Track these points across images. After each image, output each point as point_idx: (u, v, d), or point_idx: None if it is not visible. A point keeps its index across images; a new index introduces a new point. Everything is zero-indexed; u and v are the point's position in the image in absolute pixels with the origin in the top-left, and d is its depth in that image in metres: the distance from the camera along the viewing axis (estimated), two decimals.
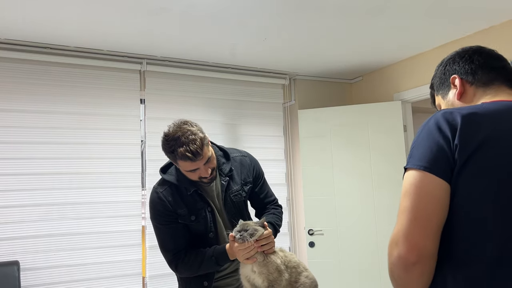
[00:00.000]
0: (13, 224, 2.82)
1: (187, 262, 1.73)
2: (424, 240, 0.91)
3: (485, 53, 1.14)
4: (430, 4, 2.57)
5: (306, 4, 2.50)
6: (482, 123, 0.94)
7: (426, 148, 0.95)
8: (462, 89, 1.12)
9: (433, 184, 0.93)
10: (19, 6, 2.38)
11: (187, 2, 2.41)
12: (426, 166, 0.93)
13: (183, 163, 1.65)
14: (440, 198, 0.92)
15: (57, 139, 3.00)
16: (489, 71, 1.11)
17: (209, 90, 3.61)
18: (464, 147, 0.92)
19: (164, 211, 1.74)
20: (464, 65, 1.14)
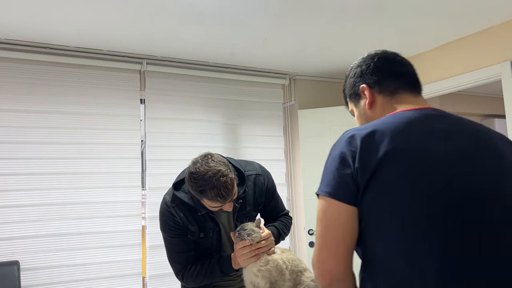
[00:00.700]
0: (13, 224, 2.82)
1: (193, 272, 1.74)
2: (334, 264, 0.96)
3: (389, 60, 1.17)
4: (430, 4, 2.57)
5: (306, 4, 2.50)
6: (380, 142, 0.96)
7: (331, 174, 0.99)
8: (371, 98, 1.15)
9: (339, 210, 0.97)
10: (19, 6, 2.38)
11: (187, 2, 2.41)
12: (331, 193, 0.98)
13: (210, 203, 1.59)
14: (346, 223, 0.96)
15: (57, 139, 3.00)
16: (393, 80, 1.14)
17: (209, 90, 3.60)
18: (364, 169, 0.95)
19: (175, 226, 1.76)
20: (371, 75, 1.17)
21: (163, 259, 3.22)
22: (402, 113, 1.04)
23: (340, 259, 0.97)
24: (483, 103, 5.13)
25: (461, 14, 2.74)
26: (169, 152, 3.37)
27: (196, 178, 1.55)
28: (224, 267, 1.71)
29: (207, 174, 1.53)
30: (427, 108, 1.07)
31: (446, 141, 0.98)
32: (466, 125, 1.03)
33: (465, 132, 1.01)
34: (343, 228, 0.97)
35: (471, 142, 0.99)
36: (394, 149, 0.95)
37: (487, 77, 2.99)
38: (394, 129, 0.99)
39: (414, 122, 1.01)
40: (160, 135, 3.36)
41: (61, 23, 2.63)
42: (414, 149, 0.96)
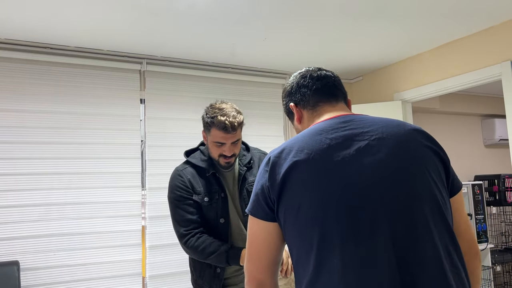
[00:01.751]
0: (13, 224, 2.82)
1: (200, 244, 1.77)
2: (259, 273, 1.08)
3: (308, 76, 1.25)
4: (430, 4, 2.57)
5: (306, 4, 2.50)
6: (286, 158, 1.06)
7: (253, 193, 1.11)
8: (298, 114, 1.25)
9: (258, 226, 1.09)
10: (20, 6, 2.38)
11: (187, 2, 2.41)
12: (251, 211, 1.10)
13: (216, 132, 1.76)
14: (265, 237, 1.08)
15: (57, 139, 3.00)
16: (313, 94, 1.22)
17: (209, 90, 3.60)
18: (273, 186, 1.05)
19: (181, 186, 1.83)
20: (296, 93, 1.26)
21: (163, 259, 3.25)
22: (315, 125, 1.13)
23: (263, 269, 1.08)
24: (483, 103, 5.13)
25: (461, 14, 2.74)
26: (169, 152, 3.37)
27: (213, 107, 1.81)
28: (230, 259, 1.73)
29: (222, 105, 1.81)
30: (340, 115, 1.14)
31: (346, 146, 1.04)
32: (373, 125, 1.08)
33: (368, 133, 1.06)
34: (263, 241, 1.08)
35: (370, 142, 1.04)
36: (294, 163, 1.04)
37: (487, 77, 2.99)
38: (300, 143, 1.07)
39: (320, 132, 1.08)
40: (160, 135, 3.36)
41: (61, 23, 2.63)
42: (312, 159, 1.03)
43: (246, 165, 1.91)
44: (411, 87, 3.59)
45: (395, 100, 3.72)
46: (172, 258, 3.26)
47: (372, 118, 1.11)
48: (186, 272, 3.30)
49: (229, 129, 1.75)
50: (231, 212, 1.85)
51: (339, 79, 1.27)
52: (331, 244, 0.97)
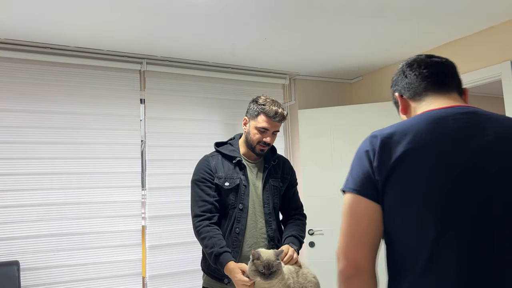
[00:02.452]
0: (13, 224, 2.82)
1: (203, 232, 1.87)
2: (359, 256, 1.01)
3: (416, 64, 1.18)
4: (430, 4, 2.57)
5: (306, 4, 2.50)
6: (399, 142, 1.01)
7: (356, 172, 1.06)
8: (404, 104, 1.20)
9: (364, 205, 1.02)
10: (20, 6, 2.38)
11: (187, 2, 2.41)
12: (356, 189, 1.04)
13: (264, 118, 1.96)
14: (371, 218, 1.02)
15: (57, 139, 3.00)
16: (420, 83, 1.16)
17: (209, 90, 3.61)
18: (381, 168, 1.01)
19: (205, 169, 1.97)
20: (401, 82, 1.20)
21: (163, 259, 3.25)
22: (426, 113, 1.07)
23: (366, 251, 1.02)
24: (483, 103, 5.12)
25: (461, 14, 2.74)
26: (169, 152, 3.37)
27: (261, 97, 2.01)
28: (217, 263, 1.81)
29: (271, 98, 2.02)
30: (455, 106, 1.08)
31: (466, 138, 1.00)
32: (496, 121, 1.03)
33: (487, 129, 1.01)
34: (368, 222, 1.02)
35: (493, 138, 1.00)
36: (410, 149, 0.99)
37: (487, 77, 2.99)
38: (413, 130, 1.02)
39: (438, 121, 1.03)
40: (160, 135, 3.36)
41: (61, 23, 2.63)
42: (431, 148, 0.99)
43: (272, 161, 2.07)
44: None
45: None
46: (172, 258, 3.26)
47: (496, 115, 1.05)
48: (186, 272, 3.30)
49: (277, 117, 1.96)
50: (250, 201, 1.97)
51: (452, 67, 1.19)
52: (447, 245, 0.94)
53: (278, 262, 1.68)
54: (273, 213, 2.03)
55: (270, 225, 2.00)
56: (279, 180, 2.07)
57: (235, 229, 1.92)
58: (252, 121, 2.00)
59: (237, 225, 1.93)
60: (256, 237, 1.97)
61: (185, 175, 3.37)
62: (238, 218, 1.94)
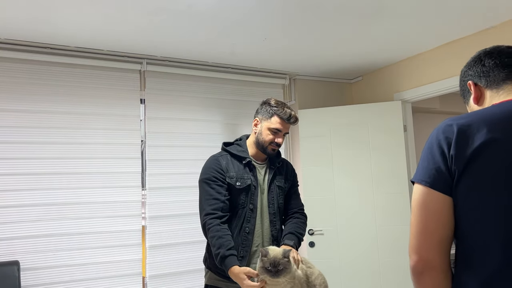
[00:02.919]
0: (13, 224, 2.82)
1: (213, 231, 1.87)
2: (430, 252, 0.98)
3: (496, 53, 1.13)
4: (430, 4, 2.57)
5: (306, 4, 2.50)
6: (477, 132, 0.97)
7: (428, 163, 1.01)
8: (477, 93, 1.14)
9: (435, 199, 0.98)
10: (19, 6, 2.38)
11: (187, 2, 2.41)
12: (427, 181, 0.99)
13: (277, 119, 2.02)
14: (442, 212, 0.98)
15: (57, 139, 3.00)
16: (500, 71, 1.10)
17: (209, 90, 3.61)
18: (459, 157, 0.96)
19: (216, 169, 1.99)
20: (476, 69, 1.15)
21: (163, 259, 3.25)
22: (505, 103, 1.03)
23: (437, 247, 0.98)
24: None
25: (461, 14, 2.74)
26: (169, 152, 3.37)
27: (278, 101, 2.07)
28: (223, 264, 1.82)
29: (283, 102, 2.09)
30: None
31: None
32: None
33: None
34: (439, 217, 0.98)
35: None
36: (491, 139, 0.96)
37: None
38: (493, 119, 0.98)
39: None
40: (160, 135, 3.36)
41: (61, 23, 2.63)
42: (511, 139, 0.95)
43: (277, 163, 2.11)
44: (411, 87, 3.59)
45: (395, 100, 3.72)
46: (172, 258, 3.26)
47: None
48: (186, 272, 3.30)
49: (291, 120, 2.02)
50: (259, 201, 2.01)
51: None
52: None
53: (285, 260, 1.68)
54: (278, 214, 2.07)
55: (274, 225, 2.04)
56: (283, 181, 2.12)
57: (244, 229, 1.96)
58: (265, 122, 2.05)
59: (247, 224, 1.96)
60: (262, 236, 2.01)
61: (185, 175, 3.37)
62: (248, 218, 1.97)
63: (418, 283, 1.01)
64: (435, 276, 0.99)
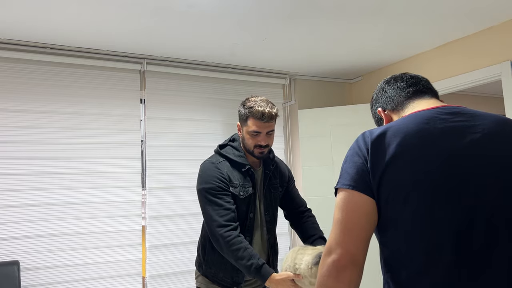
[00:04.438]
0: (13, 224, 2.82)
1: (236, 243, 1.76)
2: (355, 247, 1.01)
3: (393, 81, 1.27)
4: (430, 4, 2.57)
5: (306, 4, 2.50)
6: (391, 141, 1.04)
7: (351, 169, 1.07)
8: (388, 118, 1.25)
9: (360, 199, 1.03)
10: (19, 6, 2.38)
11: (187, 2, 2.41)
12: (352, 185, 1.04)
13: (253, 122, 1.88)
14: (367, 211, 1.02)
15: (57, 139, 3.00)
16: (401, 93, 1.23)
17: (209, 90, 3.61)
18: (376, 165, 1.03)
19: (220, 178, 1.86)
20: (382, 98, 1.28)
21: (163, 259, 3.25)
22: (414, 114, 1.11)
23: (361, 244, 1.01)
24: (483, 103, 5.13)
25: (461, 14, 2.74)
26: (169, 152, 3.37)
27: (249, 99, 1.94)
28: (257, 276, 1.74)
29: (257, 98, 1.93)
30: (440, 106, 1.11)
31: (459, 136, 1.03)
32: (483, 119, 1.07)
33: (479, 126, 1.05)
34: (365, 214, 1.02)
35: (482, 136, 1.03)
36: (404, 147, 1.02)
37: (487, 77, 2.99)
38: (405, 128, 1.05)
39: (427, 121, 1.06)
40: (160, 135, 3.36)
41: (61, 23, 2.63)
42: (424, 146, 1.01)
43: (271, 167, 2.03)
44: None
45: None
46: (172, 258, 3.26)
47: (480, 112, 1.08)
48: (186, 272, 3.30)
49: (265, 118, 1.87)
50: (257, 208, 1.95)
51: (427, 80, 1.26)
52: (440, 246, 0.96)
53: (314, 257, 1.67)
54: (273, 220, 2.03)
55: (270, 232, 2.00)
56: (278, 185, 2.05)
57: (246, 238, 1.89)
58: (244, 127, 1.94)
59: (248, 234, 1.91)
60: (260, 244, 1.96)
61: (185, 175, 3.37)
62: (249, 227, 1.91)
63: (336, 279, 1.00)
64: (356, 273, 1.00)
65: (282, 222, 3.19)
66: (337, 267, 1.00)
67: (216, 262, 1.93)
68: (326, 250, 1.04)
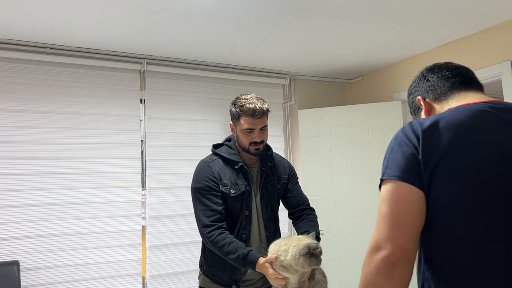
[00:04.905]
0: (13, 224, 2.82)
1: (220, 240, 1.81)
2: (407, 242, 0.95)
3: (437, 68, 1.22)
4: (430, 4, 2.57)
5: (306, 4, 2.50)
6: (444, 133, 0.99)
7: (399, 159, 1.01)
8: (427, 107, 1.21)
9: (409, 191, 0.97)
10: (19, 5, 2.38)
11: (187, 2, 2.41)
12: (400, 176, 0.98)
13: (246, 119, 1.90)
14: (417, 204, 0.97)
15: (57, 139, 3.00)
16: (444, 83, 1.18)
17: (209, 90, 3.61)
18: (426, 162, 0.98)
19: (210, 177, 1.90)
20: (423, 86, 1.23)
21: (163, 259, 3.25)
22: (465, 106, 1.06)
23: (413, 238, 0.96)
24: None
25: (461, 14, 2.74)
26: (169, 152, 3.37)
27: (240, 98, 1.95)
28: (247, 263, 1.77)
29: (249, 95, 1.95)
30: (492, 101, 1.07)
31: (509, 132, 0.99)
32: None
33: None
34: (416, 207, 0.97)
35: None
36: (457, 141, 0.98)
37: (487, 77, 2.99)
38: (458, 121, 1.01)
39: (478, 114, 1.02)
40: (160, 135, 3.36)
41: (61, 23, 2.63)
42: (477, 143, 0.98)
43: (268, 163, 2.03)
44: None
45: (395, 100, 3.72)
46: (172, 258, 3.26)
47: None
48: (186, 272, 3.30)
49: (257, 114, 1.89)
50: (253, 206, 1.95)
51: (471, 71, 1.21)
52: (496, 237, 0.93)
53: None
54: (272, 217, 2.02)
55: (269, 229, 1.99)
56: (276, 182, 2.04)
57: (241, 236, 1.90)
58: (237, 126, 1.96)
59: (244, 231, 1.91)
60: (258, 241, 1.96)
61: (185, 175, 3.37)
62: (244, 224, 1.92)
63: (386, 277, 0.94)
64: (409, 271, 0.94)
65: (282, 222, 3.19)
66: (387, 264, 0.94)
67: (215, 261, 1.94)
68: (373, 247, 0.97)
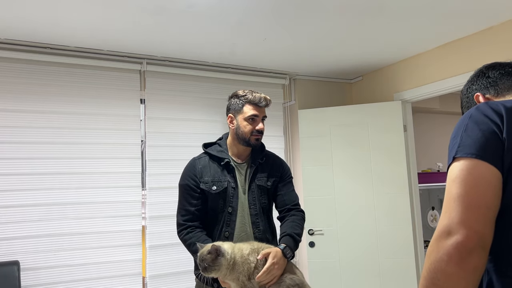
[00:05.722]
0: (13, 224, 2.82)
1: (187, 239, 1.89)
2: (484, 227, 0.84)
3: (498, 65, 1.17)
4: (430, 4, 2.57)
5: (306, 4, 2.50)
6: None
7: (477, 136, 0.90)
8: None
9: (487, 171, 0.87)
10: (19, 5, 2.38)
11: (187, 2, 2.41)
12: (479, 154, 0.88)
13: (250, 107, 1.98)
14: (496, 186, 0.86)
15: (57, 139, 3.00)
16: (507, 79, 1.12)
17: (209, 90, 3.61)
18: (510, 142, 0.88)
19: (191, 176, 1.97)
20: (482, 82, 1.16)
21: (163, 259, 3.25)
22: None
23: (489, 222, 0.85)
24: None
25: (461, 14, 2.74)
26: (169, 152, 3.37)
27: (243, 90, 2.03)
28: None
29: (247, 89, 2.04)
30: None
31: None
32: None
33: None
34: (493, 189, 0.86)
35: None
36: None
37: None
38: None
39: None
40: (160, 135, 3.36)
41: (61, 23, 2.63)
42: None
43: (259, 160, 2.03)
44: (411, 87, 3.59)
45: (395, 100, 3.72)
46: (172, 258, 3.26)
47: None
48: (186, 272, 3.30)
49: (262, 102, 1.99)
50: (239, 203, 1.95)
51: None
52: None
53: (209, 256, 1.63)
54: (261, 214, 1.98)
55: (257, 226, 1.96)
56: (266, 179, 2.01)
57: (224, 233, 1.90)
58: (239, 115, 2.00)
59: (227, 228, 1.91)
60: (244, 239, 1.93)
61: None
62: (227, 221, 1.91)
63: (458, 265, 0.82)
64: (484, 259, 0.83)
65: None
66: (460, 251, 0.82)
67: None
68: (442, 231, 0.85)
